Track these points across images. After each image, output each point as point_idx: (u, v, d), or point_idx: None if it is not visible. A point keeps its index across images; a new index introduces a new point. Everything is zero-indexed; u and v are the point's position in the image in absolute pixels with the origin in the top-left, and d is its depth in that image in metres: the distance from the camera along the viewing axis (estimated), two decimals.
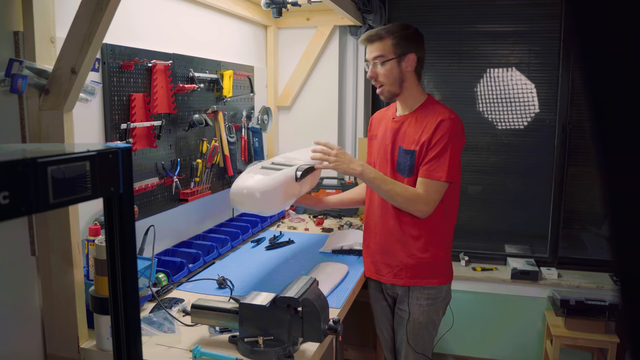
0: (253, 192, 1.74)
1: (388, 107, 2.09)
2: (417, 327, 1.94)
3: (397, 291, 1.97)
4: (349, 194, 2.29)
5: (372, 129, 2.11)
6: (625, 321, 0.36)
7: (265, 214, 1.97)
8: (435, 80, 3.25)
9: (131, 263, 0.76)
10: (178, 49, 2.19)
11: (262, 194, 1.74)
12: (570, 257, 3.15)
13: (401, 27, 1.87)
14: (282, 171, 1.86)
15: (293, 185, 1.87)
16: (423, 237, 1.88)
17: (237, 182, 1.81)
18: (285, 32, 3.19)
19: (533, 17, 3.03)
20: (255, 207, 1.78)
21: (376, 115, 2.13)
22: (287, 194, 1.86)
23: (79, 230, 1.46)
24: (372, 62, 1.88)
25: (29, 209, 0.58)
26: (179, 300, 1.74)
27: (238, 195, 1.76)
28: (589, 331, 2.73)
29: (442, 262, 1.92)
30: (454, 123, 1.82)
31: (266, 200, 1.75)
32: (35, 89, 1.39)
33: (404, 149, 1.89)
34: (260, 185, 1.76)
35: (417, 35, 1.89)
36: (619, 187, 0.34)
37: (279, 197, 1.80)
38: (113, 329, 0.77)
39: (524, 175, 3.15)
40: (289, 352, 1.38)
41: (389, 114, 2.03)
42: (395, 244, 1.92)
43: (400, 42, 1.85)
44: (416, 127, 1.87)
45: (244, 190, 1.75)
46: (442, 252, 1.91)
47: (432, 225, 1.88)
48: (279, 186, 1.79)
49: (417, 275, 1.90)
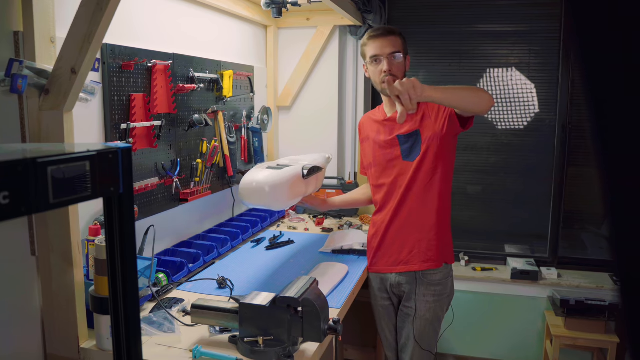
0: (262, 185, 1.79)
1: (374, 112, 2.13)
2: (423, 324, 1.96)
3: (403, 289, 1.99)
4: (353, 195, 2.33)
5: (363, 132, 2.16)
6: (625, 321, 0.36)
7: (272, 208, 1.99)
8: (435, 80, 3.25)
9: (131, 263, 0.75)
10: (178, 49, 2.19)
11: (271, 188, 1.78)
12: (570, 257, 3.15)
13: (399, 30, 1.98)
14: (290, 167, 1.92)
15: (300, 183, 1.93)
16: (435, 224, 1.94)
17: (246, 177, 1.85)
18: (285, 32, 3.19)
19: (533, 17, 3.03)
20: (263, 200, 1.81)
21: (364, 119, 2.18)
22: (294, 191, 1.91)
23: (79, 230, 1.46)
24: (389, 56, 1.92)
25: (29, 209, 0.58)
26: (179, 300, 1.74)
27: (247, 189, 1.80)
28: (589, 331, 2.73)
29: (444, 244, 1.98)
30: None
31: (274, 194, 1.80)
32: (35, 89, 1.39)
33: (404, 135, 1.94)
34: (269, 179, 1.81)
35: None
36: (619, 187, 0.34)
37: (286, 193, 1.85)
38: (113, 329, 0.77)
39: (524, 175, 3.15)
40: (289, 352, 1.38)
41: (377, 117, 2.08)
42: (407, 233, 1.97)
43: (404, 42, 1.96)
44: (409, 117, 1.92)
45: (253, 184, 1.79)
46: (444, 233, 1.98)
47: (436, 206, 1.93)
48: (287, 181, 1.85)
49: (426, 259, 1.94)
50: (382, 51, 1.91)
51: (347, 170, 3.28)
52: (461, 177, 3.19)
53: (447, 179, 1.95)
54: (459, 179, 3.13)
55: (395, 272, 2.00)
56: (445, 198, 1.97)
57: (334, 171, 3.18)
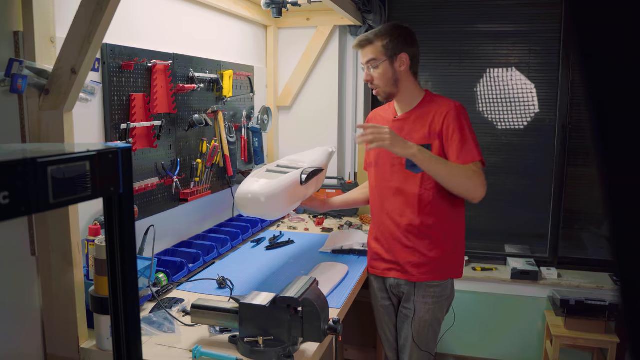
0: (258, 196, 1.73)
1: (385, 108, 2.08)
2: (422, 325, 1.94)
3: (402, 290, 1.98)
4: (353, 195, 2.30)
5: None
6: (625, 321, 0.36)
7: (270, 218, 1.96)
8: (436, 80, 3.25)
9: (131, 263, 0.75)
10: (178, 49, 2.19)
11: (267, 199, 1.73)
12: (570, 257, 3.15)
13: (390, 28, 1.89)
14: (287, 175, 1.86)
15: (298, 189, 1.87)
16: (432, 234, 1.89)
17: (241, 187, 1.79)
18: (285, 32, 3.19)
19: (533, 17, 3.03)
20: (260, 211, 1.77)
21: (373, 115, 2.12)
22: (292, 198, 1.86)
23: (79, 230, 1.46)
24: (366, 66, 1.91)
25: (29, 209, 0.58)
26: (179, 300, 1.74)
27: (243, 200, 1.76)
28: (589, 331, 2.73)
29: (450, 259, 1.93)
30: (460, 110, 1.85)
31: (271, 204, 1.75)
32: (35, 89, 1.39)
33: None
34: (265, 189, 1.75)
35: (408, 34, 1.90)
36: (619, 187, 0.34)
37: (284, 201, 1.80)
38: (113, 329, 0.77)
39: (524, 175, 3.15)
40: (289, 352, 1.38)
41: (387, 115, 2.02)
42: (404, 241, 1.92)
43: (389, 43, 1.86)
44: (422, 122, 1.87)
45: (248, 195, 1.74)
46: (450, 248, 1.92)
47: (440, 221, 1.89)
48: (284, 190, 1.79)
49: (425, 272, 1.91)
50: (361, 60, 1.94)
51: (347, 170, 3.28)
52: None
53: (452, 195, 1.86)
54: None
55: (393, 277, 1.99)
56: (449, 214, 1.90)
57: (334, 171, 3.18)
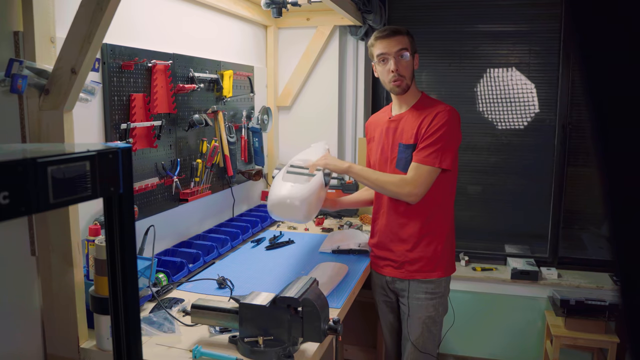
0: (293, 200, 1.80)
1: (382, 111, 2.15)
2: (416, 323, 1.96)
3: (397, 286, 2.02)
4: (361, 194, 2.36)
5: (369, 133, 2.17)
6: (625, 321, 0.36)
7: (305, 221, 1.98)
8: (436, 80, 3.25)
9: (131, 263, 0.75)
10: (178, 49, 2.19)
11: (301, 202, 1.80)
12: (570, 257, 3.15)
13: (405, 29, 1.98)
14: (314, 177, 1.94)
15: (323, 191, 1.98)
16: (422, 232, 1.94)
17: (273, 194, 1.84)
18: (285, 32, 3.19)
19: (533, 17, 3.03)
20: (296, 215, 1.83)
21: (371, 119, 2.19)
22: (320, 199, 1.95)
23: (79, 230, 1.46)
24: (395, 55, 1.90)
25: (29, 209, 0.58)
26: (179, 300, 1.74)
27: (279, 206, 1.81)
28: (589, 331, 2.73)
29: (441, 256, 1.96)
30: (450, 114, 1.88)
31: (306, 207, 1.81)
32: (35, 89, 1.39)
33: (404, 144, 1.94)
34: (299, 193, 1.82)
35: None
36: (619, 187, 0.34)
37: (314, 203, 1.88)
38: (113, 329, 0.77)
39: (524, 175, 3.15)
40: (289, 352, 1.38)
41: (384, 116, 2.09)
42: (396, 238, 1.99)
43: (412, 40, 1.96)
44: (414, 122, 1.92)
45: (287, 200, 1.80)
46: (441, 246, 1.95)
47: (430, 219, 1.94)
48: (314, 192, 1.87)
49: (417, 269, 1.95)
50: (389, 50, 1.91)
51: None
52: (461, 177, 3.16)
53: (442, 192, 1.93)
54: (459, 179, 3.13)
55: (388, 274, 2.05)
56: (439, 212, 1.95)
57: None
